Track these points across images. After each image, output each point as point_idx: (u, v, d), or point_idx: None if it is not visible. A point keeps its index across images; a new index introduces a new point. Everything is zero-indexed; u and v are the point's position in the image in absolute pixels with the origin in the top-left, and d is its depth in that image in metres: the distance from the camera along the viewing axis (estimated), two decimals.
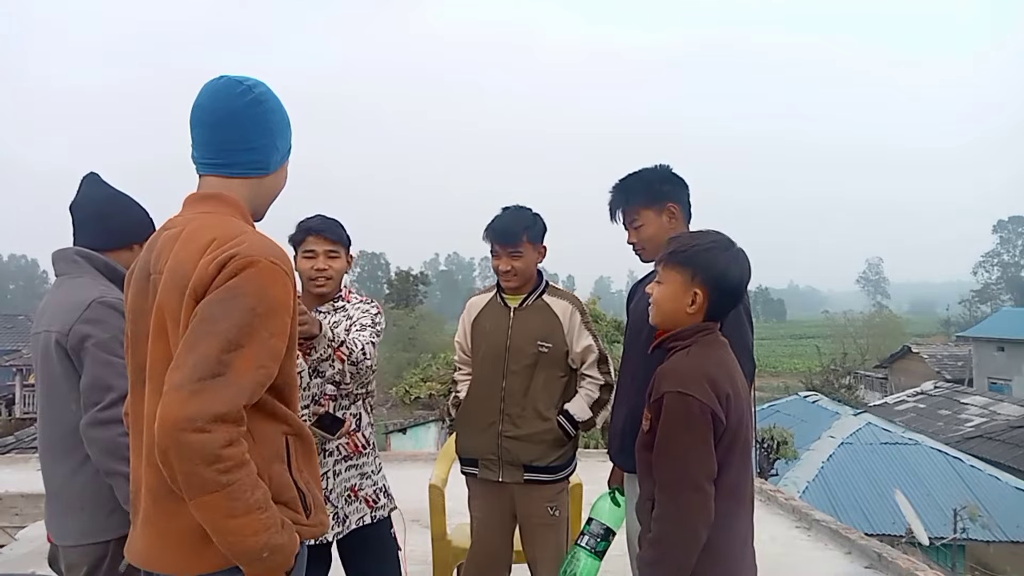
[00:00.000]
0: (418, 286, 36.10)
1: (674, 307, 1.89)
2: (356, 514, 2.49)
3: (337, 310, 2.58)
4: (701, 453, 1.74)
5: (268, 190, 1.59)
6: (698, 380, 1.76)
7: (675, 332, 1.89)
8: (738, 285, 1.89)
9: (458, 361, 3.02)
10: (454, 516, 3.41)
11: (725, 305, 1.89)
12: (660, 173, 2.48)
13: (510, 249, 2.72)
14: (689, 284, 1.85)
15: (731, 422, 1.78)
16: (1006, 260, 76.24)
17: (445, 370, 18.70)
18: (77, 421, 1.97)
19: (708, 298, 1.85)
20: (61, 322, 1.99)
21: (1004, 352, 28.29)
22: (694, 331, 1.87)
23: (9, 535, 5.62)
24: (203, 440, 1.24)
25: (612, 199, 2.51)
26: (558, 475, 2.79)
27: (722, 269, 1.84)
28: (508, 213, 2.78)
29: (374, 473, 2.58)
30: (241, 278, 1.33)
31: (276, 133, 1.55)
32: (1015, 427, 17.98)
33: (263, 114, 1.52)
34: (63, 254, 2.15)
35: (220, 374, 1.27)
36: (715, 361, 1.84)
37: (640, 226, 2.45)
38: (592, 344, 2.78)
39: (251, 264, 1.34)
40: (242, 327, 1.30)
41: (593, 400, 2.77)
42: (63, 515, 2.04)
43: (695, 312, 1.86)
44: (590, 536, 2.39)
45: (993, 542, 12.44)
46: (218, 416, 1.25)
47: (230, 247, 1.36)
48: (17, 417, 23.01)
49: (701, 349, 1.85)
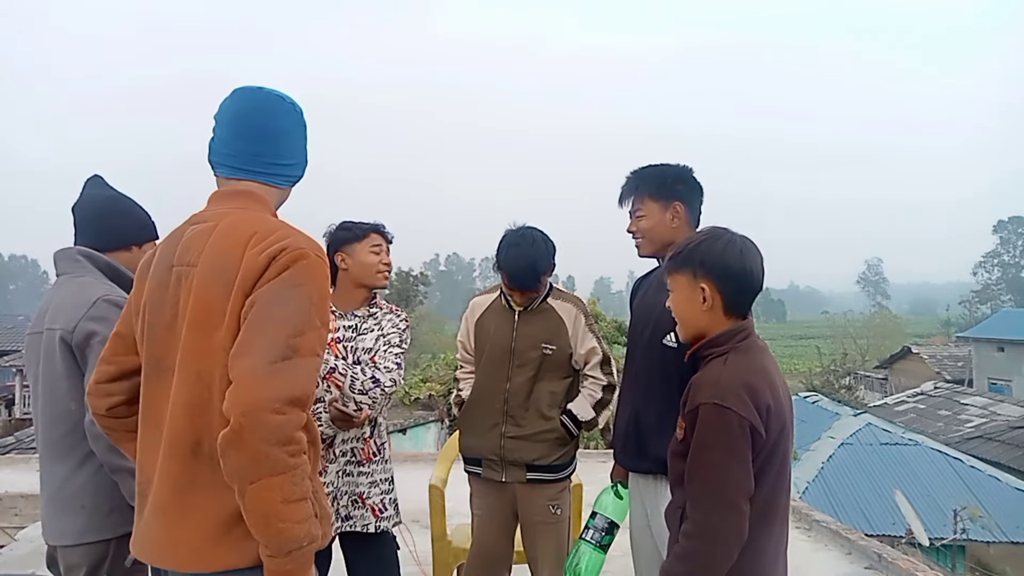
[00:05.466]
0: (418, 287, 36.07)
1: (689, 310, 1.82)
2: (361, 520, 2.51)
3: (371, 315, 2.65)
4: (738, 470, 1.65)
5: (284, 198, 1.67)
6: (737, 391, 1.67)
7: (709, 339, 1.79)
8: (742, 270, 1.79)
9: (460, 360, 3.02)
10: (454, 516, 3.42)
11: (741, 297, 1.80)
12: (678, 171, 2.47)
13: (528, 291, 2.75)
14: (693, 282, 1.79)
15: (771, 435, 1.69)
16: (1006, 260, 76.26)
17: (445, 371, 18.67)
18: (77, 420, 1.97)
19: (719, 291, 1.77)
20: (66, 319, 2.00)
21: (1004, 353, 28.29)
22: (729, 336, 1.78)
23: (9, 535, 5.63)
24: (280, 421, 1.28)
25: (625, 184, 2.50)
26: (560, 474, 2.80)
27: (718, 256, 1.77)
28: (520, 252, 2.69)
29: (383, 483, 2.60)
30: (295, 270, 1.39)
31: (305, 143, 1.66)
32: (1015, 428, 17.97)
33: (300, 127, 1.63)
34: (65, 254, 2.16)
35: (289, 357, 1.32)
36: (755, 368, 1.74)
37: (642, 216, 2.45)
38: (596, 346, 2.79)
39: (303, 256, 1.40)
40: (302, 314, 1.37)
41: (596, 400, 2.78)
42: (62, 515, 2.03)
43: (711, 309, 1.78)
44: (594, 530, 2.40)
45: (993, 543, 12.44)
46: (293, 399, 1.30)
47: (275, 240, 1.42)
48: (17, 417, 22.99)
49: (739, 356, 1.75)
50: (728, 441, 1.64)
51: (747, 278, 1.80)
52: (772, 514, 1.76)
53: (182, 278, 1.46)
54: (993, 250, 76.58)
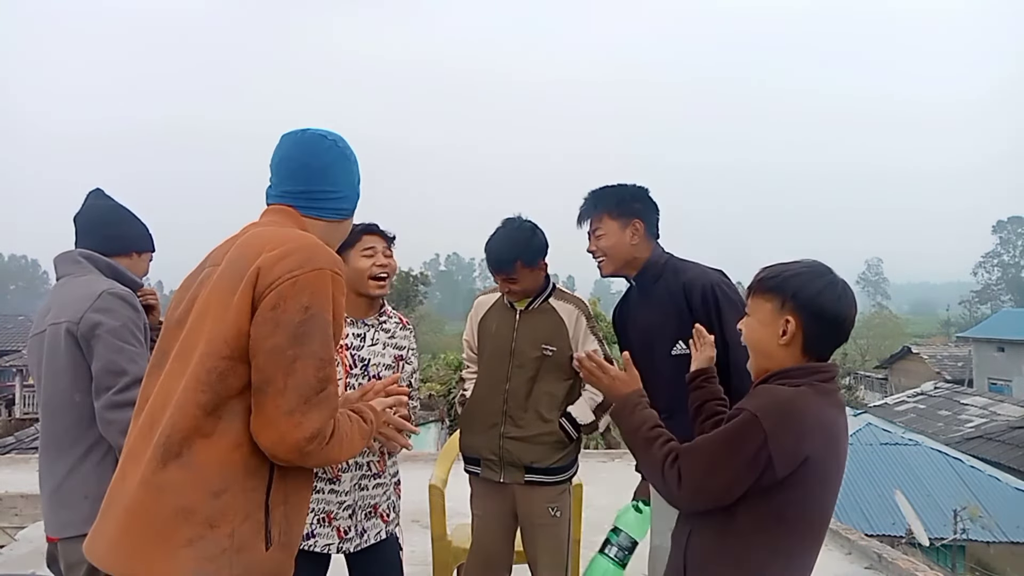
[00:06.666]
0: (418, 287, 36.08)
1: (763, 338, 1.69)
2: (374, 529, 2.47)
3: (380, 325, 2.54)
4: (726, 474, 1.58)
5: (343, 233, 1.75)
6: (784, 419, 1.55)
7: (784, 370, 1.66)
8: (835, 316, 1.65)
9: (466, 359, 3.03)
10: (454, 516, 3.42)
11: (825, 339, 1.66)
12: (634, 191, 2.55)
13: (503, 276, 2.72)
14: (779, 312, 1.66)
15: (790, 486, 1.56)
16: (1006, 261, 76.25)
17: (445, 370, 18.68)
18: (81, 413, 2.02)
19: (802, 328, 1.63)
20: (72, 312, 2.05)
21: (1004, 353, 28.30)
22: (809, 371, 1.64)
23: (9, 535, 5.63)
24: (317, 446, 1.38)
25: (583, 205, 2.58)
26: (559, 476, 2.79)
27: (814, 294, 1.63)
28: (502, 236, 2.71)
29: (390, 488, 2.57)
30: (312, 290, 1.40)
31: (355, 182, 1.71)
32: (1015, 428, 17.98)
33: (349, 163, 1.69)
34: (66, 256, 2.23)
35: (323, 389, 1.39)
36: (822, 414, 1.59)
37: (602, 235, 2.52)
38: (597, 348, 2.77)
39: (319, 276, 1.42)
40: (325, 345, 1.41)
41: (596, 404, 2.77)
42: (65, 508, 2.06)
43: (788, 344, 1.65)
44: (617, 548, 2.40)
45: (993, 543, 12.45)
46: (323, 429, 1.39)
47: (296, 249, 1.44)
48: (17, 417, 22.98)
49: (812, 393, 1.60)
50: (737, 449, 1.56)
51: (838, 325, 1.66)
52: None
53: (205, 277, 1.51)
54: (993, 250, 76.57)
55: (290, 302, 1.37)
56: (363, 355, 2.47)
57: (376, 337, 2.50)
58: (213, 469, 1.36)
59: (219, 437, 1.36)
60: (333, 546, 2.39)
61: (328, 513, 2.38)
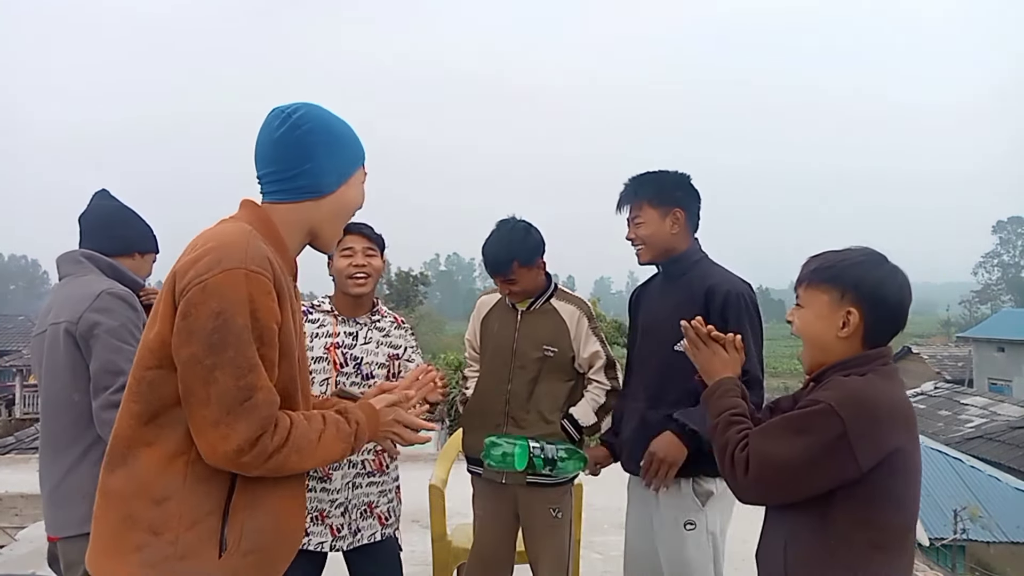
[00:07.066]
0: (418, 287, 36.07)
1: (821, 332, 1.64)
2: (369, 529, 2.49)
3: (374, 324, 2.56)
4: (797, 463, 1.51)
5: (331, 211, 1.54)
6: (861, 408, 1.49)
7: (842, 361, 1.61)
8: (898, 304, 1.61)
9: (468, 358, 3.03)
10: (454, 516, 3.41)
11: (885, 329, 1.63)
12: (676, 179, 2.47)
13: (501, 278, 2.71)
14: (838, 303, 1.61)
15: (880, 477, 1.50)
16: (1006, 261, 76.24)
17: (445, 370, 18.70)
18: (80, 412, 2.03)
19: (864, 319, 1.59)
20: (71, 312, 2.06)
21: (1004, 353, 28.28)
22: (870, 359, 1.59)
23: (9, 535, 5.63)
24: (254, 457, 1.32)
25: (623, 191, 2.50)
26: (561, 478, 2.79)
27: (876, 283, 1.59)
28: (496, 238, 2.71)
29: (390, 491, 2.59)
30: (220, 297, 1.30)
31: (322, 154, 1.50)
32: (1015, 428, 17.97)
33: (300, 138, 1.48)
34: (68, 256, 2.25)
35: (248, 398, 1.30)
36: (896, 400, 1.56)
37: (641, 223, 2.45)
38: (600, 350, 2.77)
39: (222, 278, 1.31)
40: (241, 351, 1.30)
41: (599, 405, 2.76)
42: (63, 507, 2.07)
43: (849, 336, 1.61)
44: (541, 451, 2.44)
45: (993, 543, 12.44)
46: (255, 437, 1.31)
47: (205, 253, 1.34)
48: (17, 417, 22.96)
49: (880, 379, 1.56)
50: (814, 439, 1.49)
51: (900, 314, 1.63)
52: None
53: None
54: (993, 250, 76.55)
55: (200, 309, 1.29)
56: (356, 353, 2.49)
57: (369, 335, 2.52)
58: (154, 477, 1.34)
59: (160, 446, 1.35)
60: (327, 543, 2.41)
61: (321, 511, 2.41)
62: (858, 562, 1.55)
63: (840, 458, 1.48)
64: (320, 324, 2.51)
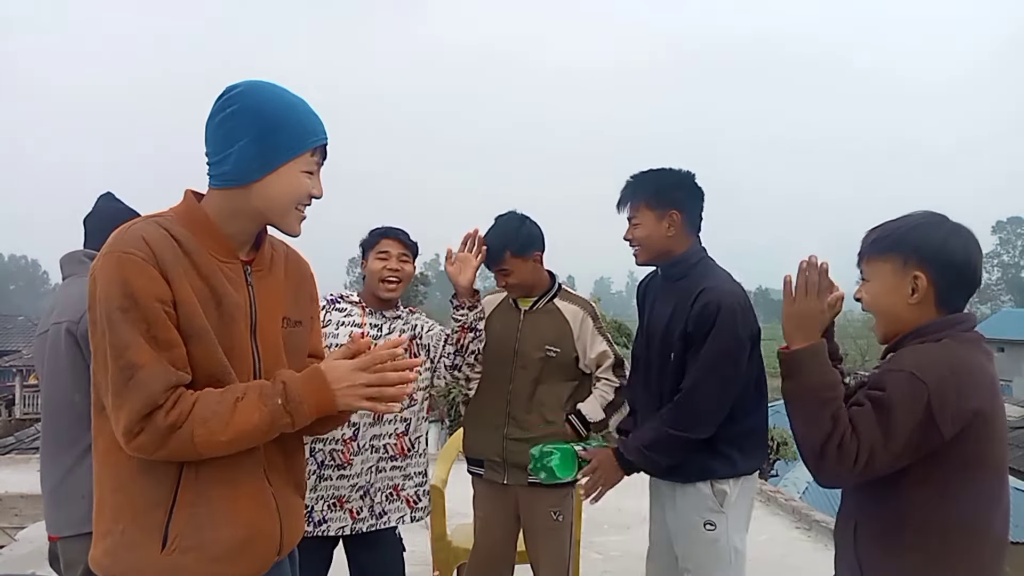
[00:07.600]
0: (418, 287, 36.08)
1: (891, 302, 1.58)
2: (397, 512, 2.56)
3: (398, 317, 2.68)
4: (900, 439, 1.43)
5: (263, 202, 1.43)
6: (942, 373, 1.43)
7: (918, 327, 1.55)
8: (966, 263, 1.54)
9: None
10: (454, 516, 3.42)
11: (957, 290, 1.56)
12: (676, 177, 2.42)
13: (495, 268, 2.71)
14: (903, 270, 1.55)
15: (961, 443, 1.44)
16: (1006, 261, 76.37)
17: None
18: (80, 412, 2.01)
19: (934, 283, 1.53)
20: (72, 311, 2.06)
21: (1004, 353, 28.36)
22: (946, 324, 1.53)
23: (9, 535, 5.64)
24: (149, 436, 1.28)
25: (623, 190, 2.47)
26: (562, 480, 2.78)
27: (939, 244, 1.53)
28: (492, 228, 2.71)
29: (417, 475, 2.64)
30: (101, 282, 1.31)
31: (245, 140, 1.39)
32: (1015, 428, 17.96)
33: (224, 121, 1.40)
34: (71, 256, 2.27)
35: (131, 377, 1.28)
36: (976, 365, 1.49)
37: (637, 224, 2.42)
38: (607, 349, 2.76)
39: (100, 264, 1.32)
40: (117, 332, 1.28)
41: (608, 402, 2.75)
42: (64, 506, 2.07)
43: (920, 302, 1.54)
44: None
45: None
46: (143, 415, 1.28)
47: (104, 245, 1.35)
48: (17, 418, 22.98)
49: (958, 344, 1.50)
50: (913, 407, 1.42)
51: (970, 272, 1.56)
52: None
53: None
54: (993, 250, 76.67)
55: (93, 299, 1.32)
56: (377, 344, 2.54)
57: (392, 326, 2.65)
58: (104, 468, 1.40)
59: (104, 437, 1.38)
60: (347, 527, 2.48)
61: (339, 498, 2.48)
62: (928, 544, 1.49)
63: (925, 426, 1.42)
64: (347, 313, 2.62)
